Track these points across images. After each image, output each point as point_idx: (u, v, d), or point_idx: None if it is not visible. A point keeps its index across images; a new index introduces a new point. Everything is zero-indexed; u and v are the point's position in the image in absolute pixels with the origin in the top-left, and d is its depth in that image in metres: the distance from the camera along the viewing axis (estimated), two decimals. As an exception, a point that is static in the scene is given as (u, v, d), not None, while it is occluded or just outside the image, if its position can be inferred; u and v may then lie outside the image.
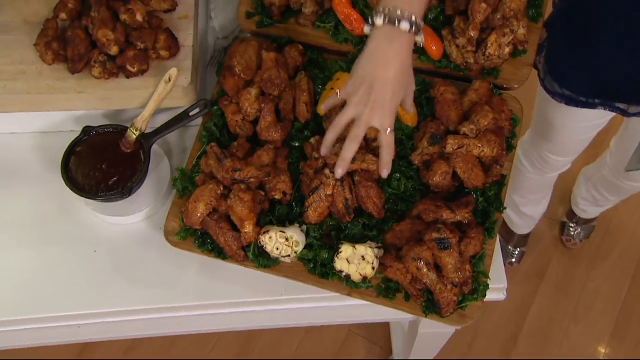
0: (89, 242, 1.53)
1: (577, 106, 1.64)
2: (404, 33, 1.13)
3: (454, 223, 1.27)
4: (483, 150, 1.30)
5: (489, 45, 1.41)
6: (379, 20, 1.14)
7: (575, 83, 1.59)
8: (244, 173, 1.30)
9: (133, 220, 1.53)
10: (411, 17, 1.12)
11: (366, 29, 1.19)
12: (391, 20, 1.12)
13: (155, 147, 1.58)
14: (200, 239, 1.36)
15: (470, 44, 1.43)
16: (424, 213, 1.28)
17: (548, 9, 1.59)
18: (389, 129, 1.16)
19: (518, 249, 2.77)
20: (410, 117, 1.42)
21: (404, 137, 1.40)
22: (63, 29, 1.50)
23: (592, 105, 1.63)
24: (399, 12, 1.12)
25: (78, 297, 1.46)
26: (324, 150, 1.24)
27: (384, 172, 1.20)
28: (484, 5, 1.41)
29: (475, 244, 1.24)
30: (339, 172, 1.21)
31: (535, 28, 1.52)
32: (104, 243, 1.53)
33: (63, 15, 1.48)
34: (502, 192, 1.37)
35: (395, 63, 1.13)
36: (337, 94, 1.25)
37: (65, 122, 1.61)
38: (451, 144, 1.29)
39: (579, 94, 1.60)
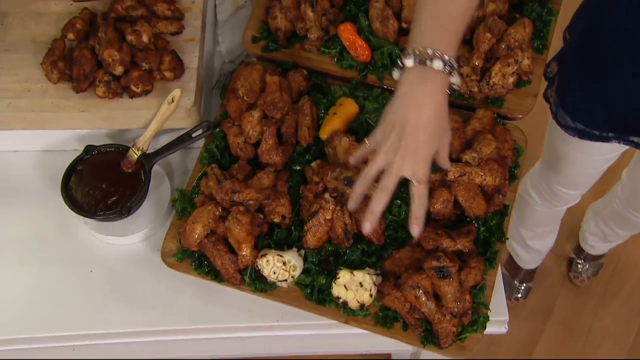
0: (87, 262, 1.52)
1: (591, 140, 1.62)
2: (437, 73, 1.05)
3: (454, 252, 1.26)
4: (485, 179, 1.30)
5: (493, 74, 1.42)
6: (409, 62, 1.05)
7: (589, 117, 1.57)
8: (243, 195, 1.30)
9: (131, 241, 1.53)
10: (444, 56, 1.04)
11: (395, 74, 1.12)
12: (422, 61, 1.04)
13: (156, 168, 1.59)
14: (197, 261, 1.35)
15: (475, 73, 1.44)
16: (424, 241, 1.27)
17: (554, 42, 1.59)
18: (422, 179, 1.06)
19: (524, 285, 2.73)
20: (412, 144, 1.42)
21: (406, 164, 1.39)
22: (70, 50, 1.52)
23: (606, 139, 1.62)
24: (430, 51, 1.04)
25: (74, 317, 1.45)
26: (352, 204, 1.15)
27: (415, 230, 1.09)
28: (488, 35, 1.42)
29: (475, 273, 1.23)
30: (368, 227, 1.11)
31: (540, 59, 1.53)
32: (102, 263, 1.52)
33: (71, 36, 1.51)
34: (505, 223, 1.36)
35: (429, 106, 1.05)
36: (366, 143, 1.15)
37: (69, 142, 1.63)
38: (453, 171, 1.28)
39: (593, 127, 1.58)
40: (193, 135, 1.51)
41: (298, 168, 1.41)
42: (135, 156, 1.47)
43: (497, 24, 1.41)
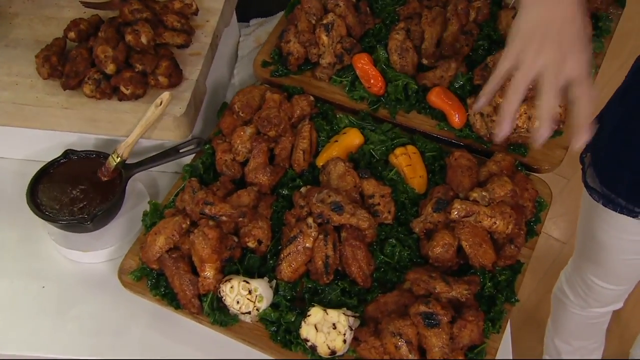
0: (40, 277, 1.43)
1: (616, 210, 1.50)
2: None
3: (450, 301, 1.11)
4: (495, 223, 1.17)
5: (517, 116, 1.32)
6: None
7: (615, 181, 1.47)
8: (216, 209, 1.20)
9: (95, 259, 1.43)
10: None
11: None
12: None
13: (139, 186, 1.52)
14: (154, 280, 1.23)
15: (497, 112, 1.34)
16: (415, 284, 1.12)
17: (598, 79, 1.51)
18: (585, 76, 0.96)
19: None
20: (418, 182, 1.31)
21: (408, 202, 1.28)
22: (69, 50, 1.51)
23: (633, 214, 1.49)
24: None
25: (11, 335, 1.34)
26: (480, 103, 1.10)
27: (581, 138, 0.97)
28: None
29: (472, 329, 1.07)
30: (506, 128, 1.03)
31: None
32: (57, 280, 1.42)
33: (72, 35, 1.50)
34: (517, 282, 1.21)
35: (566, 3, 0.98)
36: (499, 67, 1.03)
37: (53, 151, 1.58)
38: (457, 209, 1.16)
39: (619, 194, 1.47)
40: (181, 151, 1.44)
41: (286, 192, 1.31)
42: (114, 163, 1.40)
43: (526, 62, 1.33)
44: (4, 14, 1.66)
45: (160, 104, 1.34)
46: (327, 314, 1.11)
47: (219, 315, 1.17)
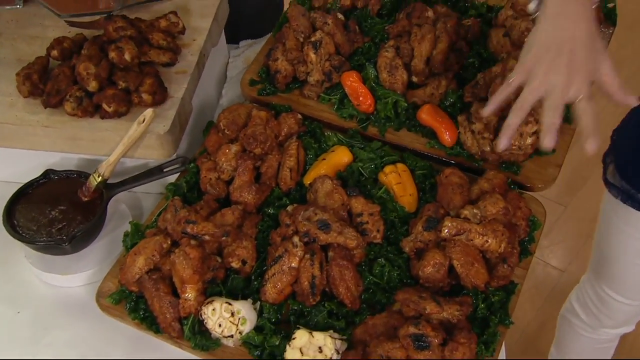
0: (15, 302, 1.38)
1: (635, 207, 1.49)
2: None
3: (441, 323, 1.07)
4: (487, 242, 1.14)
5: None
6: None
7: (637, 176, 1.46)
8: (198, 227, 1.17)
9: (73, 283, 1.39)
10: None
11: (532, 5, 1.16)
12: None
13: (122, 207, 1.49)
14: (133, 302, 1.19)
15: (488, 130, 1.33)
16: (404, 304, 1.09)
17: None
18: (587, 96, 1.03)
19: None
20: (408, 200, 1.28)
21: (397, 220, 1.25)
22: (52, 69, 1.50)
23: None
24: None
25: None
26: (488, 110, 1.16)
27: (591, 145, 1.03)
28: (506, 88, 1.32)
29: (464, 352, 1.03)
30: (504, 142, 1.11)
31: (568, 129, 1.41)
32: (32, 305, 1.38)
33: (55, 53, 1.49)
34: (511, 303, 1.17)
35: (585, 20, 1.04)
36: (510, 79, 1.12)
37: (35, 172, 1.55)
38: (448, 227, 1.13)
39: (639, 189, 1.46)
40: (165, 170, 1.42)
41: (272, 212, 1.28)
42: (95, 183, 1.37)
43: (517, 78, 1.32)
44: (-14, 34, 1.65)
45: (143, 121, 1.32)
46: (313, 337, 1.07)
47: (200, 339, 1.13)
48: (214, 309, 1.12)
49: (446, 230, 1.13)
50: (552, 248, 3.00)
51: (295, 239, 1.15)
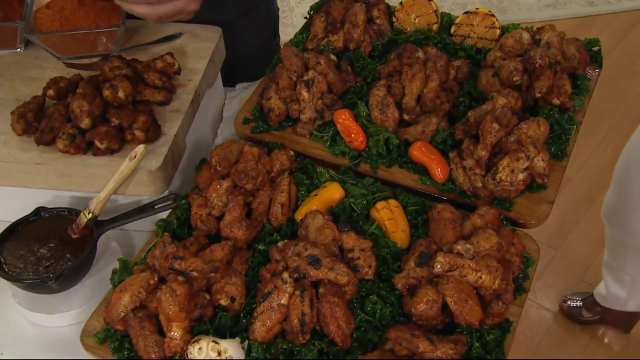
0: (0, 342, 1.29)
1: None
2: None
3: (434, 362, 0.99)
4: (481, 278, 1.06)
5: (500, 169, 1.25)
6: None
7: None
8: (186, 263, 1.10)
9: (59, 323, 1.31)
10: None
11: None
12: None
13: (113, 245, 1.42)
14: (118, 342, 1.11)
15: (479, 166, 1.27)
16: (397, 343, 1.00)
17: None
18: None
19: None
20: (400, 236, 1.21)
21: (389, 257, 1.18)
22: (48, 108, 1.45)
23: None
24: None
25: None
26: None
27: None
28: (496, 126, 1.27)
29: (460, 393, 0.94)
30: None
31: (559, 166, 1.36)
32: (17, 346, 1.29)
33: (51, 92, 1.44)
34: (506, 342, 1.09)
35: None
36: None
37: (27, 211, 1.48)
38: (441, 263, 1.06)
39: None
40: (156, 207, 1.35)
41: (262, 248, 1.20)
42: (85, 219, 1.30)
43: (507, 115, 1.27)
44: (-14, 76, 1.61)
45: (135, 157, 1.26)
46: (302, 377, 0.98)
47: (186, 380, 1.04)
48: (200, 348, 1.03)
49: (439, 266, 1.05)
50: (545, 290, 2.93)
51: (285, 275, 1.07)
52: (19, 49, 1.68)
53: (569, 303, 2.72)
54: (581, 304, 2.68)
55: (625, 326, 2.61)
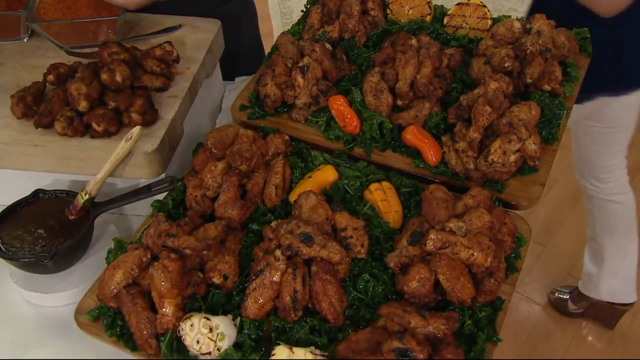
0: (-6, 321, 1.23)
1: None
2: None
3: (426, 337, 0.93)
4: (473, 255, 1.00)
5: (492, 150, 1.19)
6: None
7: None
8: (179, 241, 1.04)
9: (56, 303, 1.25)
10: None
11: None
12: None
13: (111, 228, 1.36)
14: (110, 319, 1.05)
15: (472, 148, 1.21)
16: (388, 318, 0.94)
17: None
18: None
19: None
20: (393, 216, 1.15)
21: (382, 236, 1.12)
22: (47, 93, 1.39)
23: None
24: None
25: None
26: None
27: None
28: (488, 108, 1.21)
29: (452, 368, 0.88)
30: None
31: (549, 150, 1.30)
32: (11, 325, 1.23)
33: (51, 78, 1.39)
34: (498, 320, 1.03)
35: None
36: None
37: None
38: (433, 240, 1.00)
39: None
40: (153, 189, 1.29)
41: (256, 228, 1.14)
42: (82, 201, 1.24)
43: (499, 98, 1.21)
44: (-10, 64, 1.56)
45: (131, 138, 1.20)
46: (293, 352, 0.92)
47: (177, 356, 0.98)
48: (192, 325, 0.97)
49: (431, 243, 0.99)
50: (533, 285, 2.88)
51: (278, 252, 1.01)
52: (23, 39, 1.62)
53: (556, 295, 2.67)
54: (568, 296, 2.63)
55: (608, 322, 2.55)
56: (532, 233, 1.17)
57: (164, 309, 0.99)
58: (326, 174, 1.23)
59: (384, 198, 1.17)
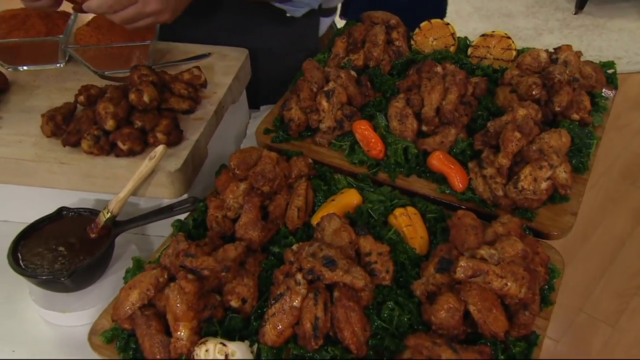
0: (12, 340, 1.13)
1: None
2: None
3: (457, 373, 0.79)
4: (507, 285, 0.87)
5: (522, 177, 1.07)
6: None
7: None
8: (197, 262, 0.93)
9: (74, 322, 1.14)
10: None
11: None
12: None
13: (132, 248, 1.26)
14: (124, 341, 0.93)
15: (500, 174, 1.09)
16: (416, 351, 0.82)
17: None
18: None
19: None
20: (418, 242, 1.03)
21: (408, 262, 1.00)
22: (77, 114, 1.32)
23: None
24: None
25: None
26: None
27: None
28: (517, 134, 1.10)
29: (486, 409, 0.74)
30: None
31: (580, 179, 1.17)
32: (30, 344, 1.13)
33: (82, 99, 1.31)
34: (533, 356, 0.89)
35: None
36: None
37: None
38: (463, 267, 0.87)
39: None
40: (175, 209, 1.19)
41: (277, 250, 1.03)
42: (104, 219, 1.15)
43: (529, 124, 1.10)
44: (27, 87, 1.50)
45: (154, 157, 1.11)
46: (312, 384, 0.79)
47: (191, 384, 0.86)
48: (207, 350, 0.86)
49: (461, 271, 0.87)
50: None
51: (299, 276, 0.89)
52: (60, 64, 1.57)
53: None
54: None
55: None
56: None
57: (179, 333, 0.87)
58: (350, 198, 1.12)
59: (409, 223, 1.05)
